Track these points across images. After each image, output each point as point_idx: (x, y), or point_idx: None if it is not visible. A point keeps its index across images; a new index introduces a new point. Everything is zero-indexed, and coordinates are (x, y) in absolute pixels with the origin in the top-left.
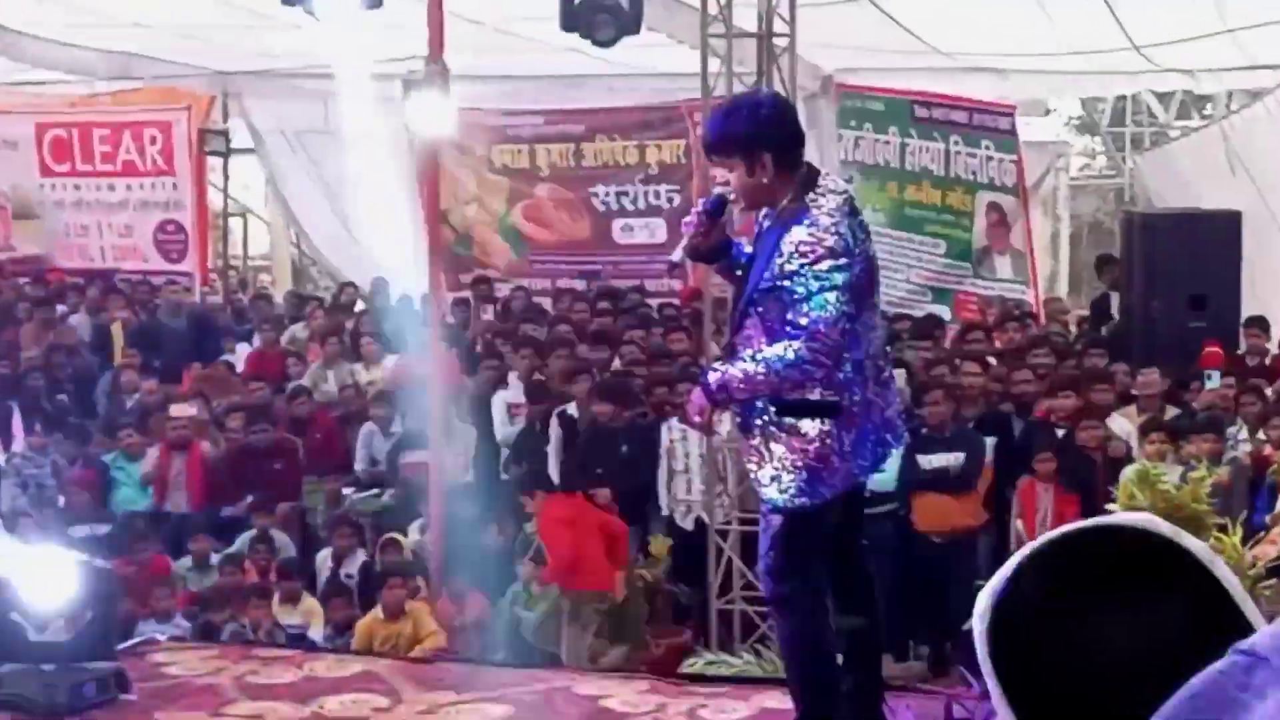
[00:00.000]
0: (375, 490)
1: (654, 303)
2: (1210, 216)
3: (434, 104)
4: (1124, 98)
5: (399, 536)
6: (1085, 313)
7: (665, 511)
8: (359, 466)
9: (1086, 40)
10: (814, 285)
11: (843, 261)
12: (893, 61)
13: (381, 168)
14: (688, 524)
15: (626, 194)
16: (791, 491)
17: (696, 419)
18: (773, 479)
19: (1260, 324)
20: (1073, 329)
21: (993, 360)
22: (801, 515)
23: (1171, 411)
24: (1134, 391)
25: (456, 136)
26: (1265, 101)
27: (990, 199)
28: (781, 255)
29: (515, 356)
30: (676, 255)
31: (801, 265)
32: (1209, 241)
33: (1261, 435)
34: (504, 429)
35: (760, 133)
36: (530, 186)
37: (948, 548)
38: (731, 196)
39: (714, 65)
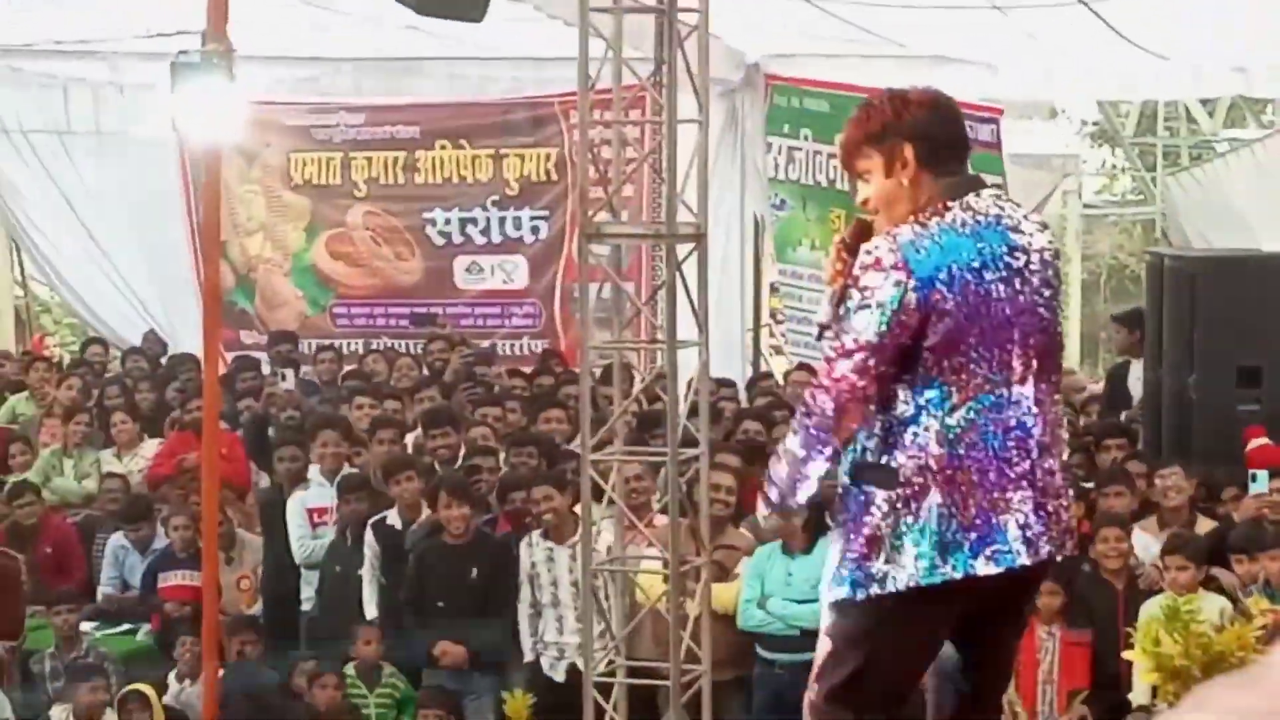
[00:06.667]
0: (126, 626)
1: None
2: (1268, 261)
3: (213, 96)
4: (1154, 100)
5: (147, 690)
6: (1100, 388)
7: (529, 657)
8: (104, 592)
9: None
10: (852, 303)
11: (895, 277)
12: (841, 47)
13: (148, 182)
14: (558, 674)
15: (475, 222)
16: (849, 579)
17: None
18: (836, 569)
19: None
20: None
21: None
22: (877, 628)
23: (1205, 524)
24: (1154, 498)
25: (242, 140)
26: None
27: None
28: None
29: (317, 445)
30: (823, 315)
31: (853, 279)
32: (1266, 294)
33: None
34: (304, 543)
35: (901, 120)
36: (340, 211)
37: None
38: (872, 218)
39: (597, 48)
